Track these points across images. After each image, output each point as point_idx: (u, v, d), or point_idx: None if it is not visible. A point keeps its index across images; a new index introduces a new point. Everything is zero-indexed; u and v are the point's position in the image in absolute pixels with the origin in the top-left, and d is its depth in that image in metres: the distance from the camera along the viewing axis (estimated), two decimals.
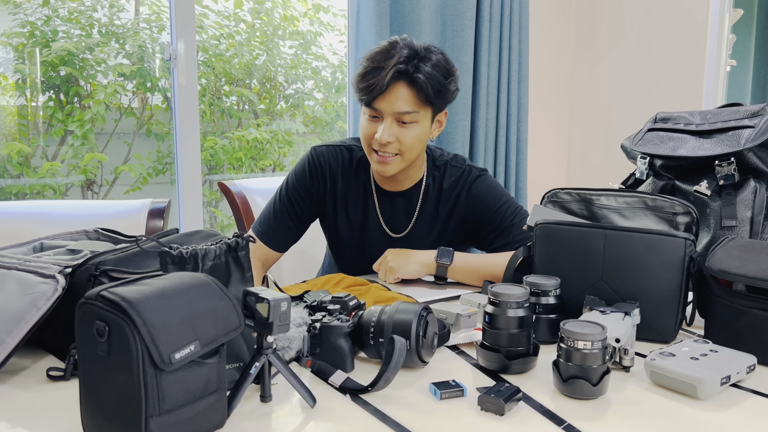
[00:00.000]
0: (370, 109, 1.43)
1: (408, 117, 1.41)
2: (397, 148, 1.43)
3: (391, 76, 1.38)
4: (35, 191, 2.65)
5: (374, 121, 1.44)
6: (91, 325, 0.69)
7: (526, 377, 0.95)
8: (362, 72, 1.41)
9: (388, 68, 1.38)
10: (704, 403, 0.87)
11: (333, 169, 1.57)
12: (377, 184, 1.58)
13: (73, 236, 1.23)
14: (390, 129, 1.41)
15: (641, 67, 3.03)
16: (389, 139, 1.41)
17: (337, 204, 1.58)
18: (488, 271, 1.42)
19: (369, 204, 1.58)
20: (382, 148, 1.43)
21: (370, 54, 1.43)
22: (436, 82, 1.40)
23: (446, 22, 2.66)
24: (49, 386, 0.91)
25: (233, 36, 3.18)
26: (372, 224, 1.59)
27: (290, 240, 1.60)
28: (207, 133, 3.07)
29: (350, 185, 1.58)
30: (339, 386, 0.90)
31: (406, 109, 1.40)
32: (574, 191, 1.31)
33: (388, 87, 1.38)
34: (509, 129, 2.88)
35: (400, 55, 1.39)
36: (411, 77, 1.39)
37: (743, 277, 1.00)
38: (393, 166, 1.46)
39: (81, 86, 2.72)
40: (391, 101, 1.40)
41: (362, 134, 1.47)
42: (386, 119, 1.41)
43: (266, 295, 0.80)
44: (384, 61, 1.39)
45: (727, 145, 1.29)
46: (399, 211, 1.58)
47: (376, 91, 1.38)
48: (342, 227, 1.60)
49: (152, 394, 0.68)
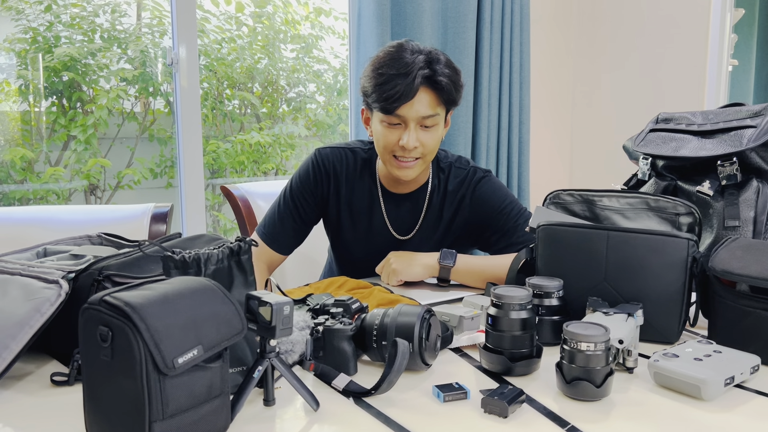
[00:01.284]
0: (390, 117, 1.42)
1: (430, 120, 1.43)
2: (421, 152, 1.44)
3: (418, 83, 1.38)
4: (39, 197, 2.66)
5: (395, 128, 1.43)
6: (95, 330, 0.70)
7: (530, 379, 0.95)
8: (381, 81, 1.39)
9: (413, 74, 1.37)
10: (708, 404, 0.87)
11: (337, 171, 1.57)
12: (383, 187, 1.58)
13: (76, 241, 1.23)
14: (415, 134, 1.42)
15: (643, 68, 3.03)
16: (415, 144, 1.42)
17: (341, 206, 1.58)
18: (491, 273, 1.42)
19: (375, 206, 1.58)
20: (406, 153, 1.43)
21: (379, 62, 1.42)
22: (453, 81, 1.43)
23: (447, 25, 2.66)
24: (53, 391, 0.91)
25: (235, 40, 3.19)
26: (378, 226, 1.59)
27: (295, 242, 1.60)
28: (209, 137, 3.08)
29: (355, 187, 1.58)
30: (342, 389, 0.90)
31: (430, 112, 1.42)
32: (577, 192, 1.31)
33: (415, 94, 1.38)
34: (511, 130, 2.88)
35: (417, 60, 1.39)
36: (434, 81, 1.40)
37: (747, 278, 1.00)
38: (415, 170, 1.47)
39: (84, 91, 2.73)
40: (415, 107, 1.40)
41: (382, 142, 1.45)
42: (411, 125, 1.42)
43: (269, 298, 0.80)
44: (403, 67, 1.38)
45: (729, 145, 1.29)
46: (405, 214, 1.58)
47: (404, 99, 1.38)
48: (346, 229, 1.60)
49: (156, 398, 0.68)
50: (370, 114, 1.49)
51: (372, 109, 1.46)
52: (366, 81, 1.44)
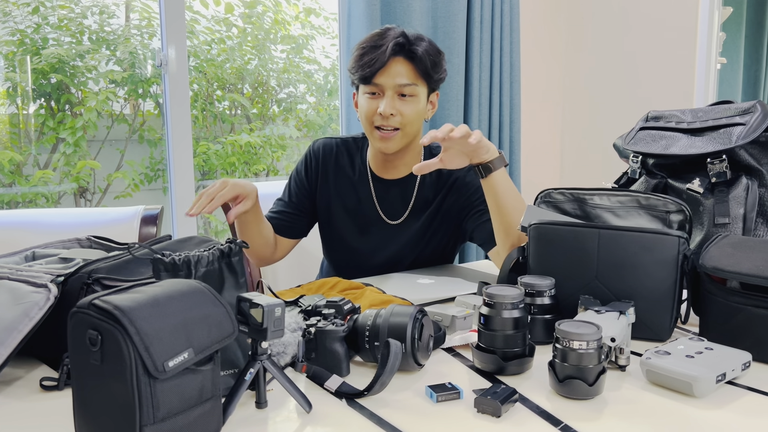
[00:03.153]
0: (369, 86, 1.49)
1: (408, 89, 1.48)
2: (399, 122, 1.49)
3: (391, 50, 1.45)
4: (27, 200, 2.64)
5: (374, 98, 1.50)
6: (84, 334, 0.69)
7: (523, 378, 0.95)
8: (359, 54, 1.48)
9: (387, 44, 1.46)
10: (700, 401, 0.87)
11: (327, 159, 1.64)
12: (373, 173, 1.62)
13: (65, 244, 1.22)
14: (392, 102, 1.47)
15: (632, 66, 3.04)
16: (392, 111, 1.47)
17: (330, 191, 1.64)
18: (516, 204, 1.33)
19: (365, 191, 1.62)
20: (384, 122, 1.48)
21: (363, 40, 1.51)
22: (430, 56, 1.49)
23: (437, 25, 2.66)
24: (43, 396, 0.90)
25: (224, 41, 3.18)
26: (368, 211, 1.62)
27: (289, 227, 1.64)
28: (200, 138, 3.07)
29: (345, 173, 1.63)
30: (335, 391, 0.90)
31: (406, 81, 1.47)
32: (568, 191, 1.32)
33: (388, 60, 1.46)
34: (502, 130, 2.89)
35: (395, 33, 1.48)
36: (409, 51, 1.47)
37: (737, 274, 1.00)
38: (395, 142, 1.51)
39: (72, 93, 2.71)
40: (392, 74, 1.47)
41: (363, 113, 1.52)
42: (387, 93, 1.47)
43: (260, 300, 0.79)
44: (380, 40, 1.47)
45: (718, 142, 1.29)
46: (395, 199, 1.62)
47: (377, 65, 1.45)
48: (337, 215, 1.64)
49: (146, 402, 0.68)
50: (357, 94, 1.56)
51: (358, 87, 1.54)
52: (351, 60, 1.52)
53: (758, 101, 1.33)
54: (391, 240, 1.62)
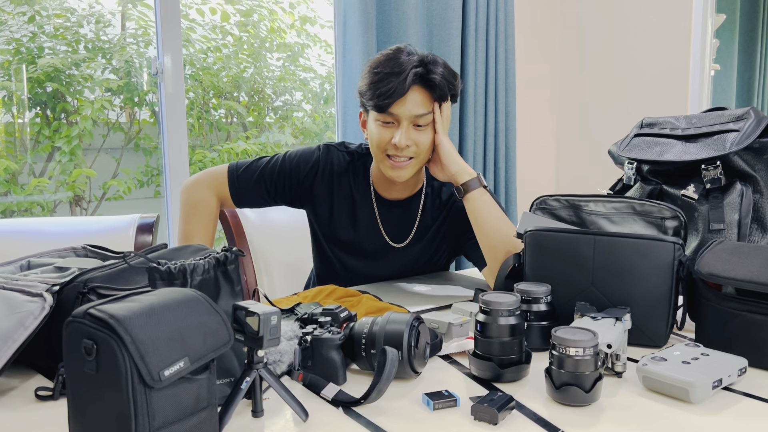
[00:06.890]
0: (384, 115, 1.42)
1: (423, 119, 1.42)
2: (414, 152, 1.43)
3: (411, 80, 1.38)
4: (23, 208, 2.63)
5: (389, 127, 1.43)
6: (79, 344, 0.69)
7: (519, 385, 0.95)
8: (375, 80, 1.40)
9: (406, 72, 1.38)
10: (697, 406, 0.87)
11: (336, 174, 1.56)
12: (377, 193, 1.57)
13: (60, 253, 1.22)
14: (408, 133, 1.41)
15: (626, 73, 3.05)
16: (408, 143, 1.41)
17: (333, 205, 1.57)
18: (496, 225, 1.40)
19: (369, 212, 1.57)
20: (398, 152, 1.42)
21: (376, 62, 1.43)
22: (447, 81, 1.43)
23: (432, 32, 2.67)
24: (38, 406, 0.90)
25: (220, 49, 3.18)
26: (373, 233, 1.57)
27: (253, 203, 1.61)
28: (196, 146, 3.07)
29: (350, 193, 1.57)
30: (331, 399, 0.89)
31: (423, 111, 1.41)
32: (563, 198, 1.32)
33: (408, 91, 1.39)
34: (497, 137, 2.89)
35: (411, 59, 1.41)
36: (427, 79, 1.40)
37: (732, 280, 1.00)
38: (408, 171, 1.46)
39: (68, 102, 2.71)
40: (408, 105, 1.40)
41: (375, 141, 1.45)
42: (403, 123, 1.41)
43: (256, 309, 0.79)
44: (397, 66, 1.39)
45: (712, 149, 1.30)
46: (399, 220, 1.58)
47: (396, 96, 1.38)
48: (342, 230, 1.58)
49: (142, 412, 0.67)
50: (366, 115, 1.49)
51: (368, 109, 1.46)
52: (362, 81, 1.44)
53: (752, 107, 1.34)
54: (393, 262, 1.60)
